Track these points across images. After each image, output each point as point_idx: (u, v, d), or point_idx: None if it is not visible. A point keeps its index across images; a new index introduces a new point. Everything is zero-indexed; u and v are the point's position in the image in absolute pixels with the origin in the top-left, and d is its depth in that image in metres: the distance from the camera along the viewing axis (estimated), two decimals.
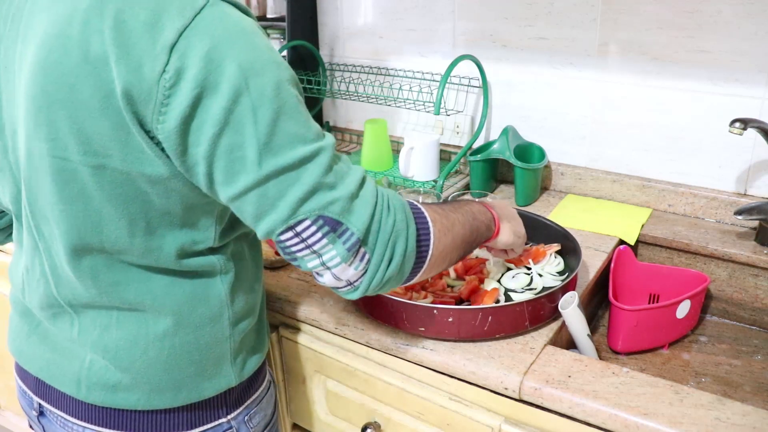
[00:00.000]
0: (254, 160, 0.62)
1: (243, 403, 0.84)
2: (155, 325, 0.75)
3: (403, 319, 0.88)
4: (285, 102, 0.62)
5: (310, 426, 1.11)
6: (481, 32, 1.40)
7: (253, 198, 0.64)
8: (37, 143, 0.65)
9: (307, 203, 0.64)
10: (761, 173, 1.19)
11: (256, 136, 0.61)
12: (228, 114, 0.60)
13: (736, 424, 0.72)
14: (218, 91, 0.59)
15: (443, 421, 0.90)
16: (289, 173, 0.63)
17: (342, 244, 0.65)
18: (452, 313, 0.85)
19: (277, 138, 0.62)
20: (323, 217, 0.64)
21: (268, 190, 0.63)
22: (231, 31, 0.61)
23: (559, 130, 1.38)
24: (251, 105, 0.60)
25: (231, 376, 0.80)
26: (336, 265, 0.66)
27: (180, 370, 0.76)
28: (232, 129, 0.61)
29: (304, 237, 0.65)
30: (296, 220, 0.64)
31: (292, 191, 0.63)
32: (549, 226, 1.08)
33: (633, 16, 1.21)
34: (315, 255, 0.66)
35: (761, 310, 1.12)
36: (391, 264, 0.68)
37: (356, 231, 0.65)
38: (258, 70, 0.61)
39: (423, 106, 1.38)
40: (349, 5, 1.59)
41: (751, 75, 1.14)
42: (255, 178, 0.62)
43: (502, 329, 0.88)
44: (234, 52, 0.60)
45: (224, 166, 0.62)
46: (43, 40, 0.63)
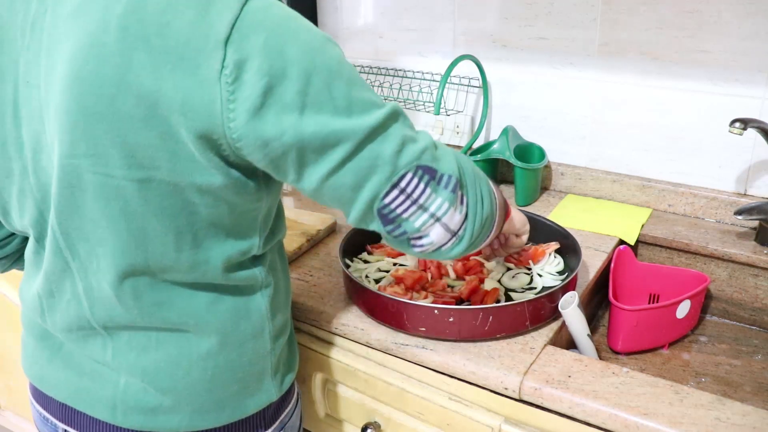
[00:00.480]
0: (344, 131, 0.61)
1: (278, 419, 0.83)
2: (199, 345, 0.73)
3: (403, 319, 0.88)
4: (350, 72, 0.64)
5: (310, 426, 1.11)
6: (481, 32, 1.40)
7: (351, 167, 0.63)
8: (74, 160, 0.62)
9: (402, 157, 0.64)
10: (761, 173, 1.19)
11: (337, 109, 0.61)
12: (304, 96, 0.60)
13: (736, 424, 0.72)
14: (288, 76, 0.59)
15: (443, 421, 0.90)
16: (378, 134, 0.63)
17: (444, 188, 0.66)
18: (453, 313, 0.85)
19: (356, 106, 0.62)
20: (421, 167, 0.65)
21: (363, 155, 0.63)
22: (281, 18, 0.60)
23: (559, 130, 1.38)
24: (324, 82, 0.61)
25: (272, 391, 0.80)
26: (445, 212, 0.67)
27: (224, 389, 0.75)
28: (313, 109, 0.60)
29: (409, 192, 0.65)
30: (399, 175, 0.64)
31: (386, 149, 0.63)
32: (549, 226, 1.08)
33: (633, 16, 1.21)
34: (422, 209, 0.66)
35: (761, 310, 1.12)
36: (484, 203, 0.70)
37: (453, 173, 0.67)
38: (318, 48, 0.61)
39: (423, 106, 1.38)
40: (349, 5, 1.59)
41: (751, 75, 1.14)
42: (351, 147, 0.62)
43: (503, 329, 0.88)
44: (290, 36, 0.60)
45: (318, 146, 0.62)
46: (75, 51, 0.60)
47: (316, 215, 1.25)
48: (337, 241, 1.15)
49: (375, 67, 1.58)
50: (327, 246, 1.18)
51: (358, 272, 1.04)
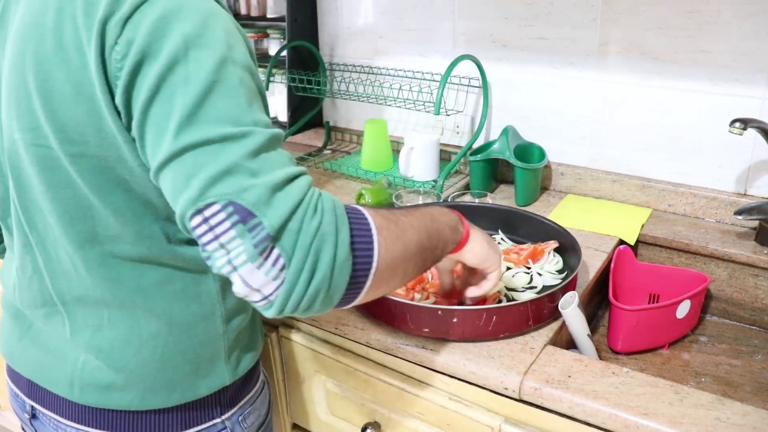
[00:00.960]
0: (174, 130, 0.56)
1: (237, 403, 0.83)
2: (147, 325, 0.74)
3: (406, 320, 0.88)
4: (224, 79, 0.58)
5: (310, 426, 1.11)
6: (481, 32, 1.40)
7: (169, 173, 0.58)
8: (20, 134, 0.66)
9: (219, 184, 0.55)
10: (761, 173, 1.19)
11: (182, 106, 0.56)
12: (161, 81, 0.57)
13: (736, 424, 0.72)
14: (157, 57, 0.57)
15: (443, 421, 0.90)
16: (206, 147, 0.56)
17: (251, 239, 0.55)
18: (457, 314, 0.85)
19: (204, 112, 0.57)
20: (234, 203, 0.55)
21: (184, 164, 0.56)
22: (187, 7, 0.59)
23: (559, 130, 1.38)
24: (185, 74, 0.57)
25: (225, 374, 0.80)
26: (242, 264, 0.55)
27: (174, 369, 0.76)
28: (163, 97, 0.57)
29: (212, 224, 0.56)
30: (205, 202, 0.55)
31: (207, 168, 0.56)
32: (549, 226, 1.08)
33: (633, 16, 1.21)
34: (223, 250, 0.56)
35: (761, 310, 1.12)
36: (315, 275, 0.56)
37: (268, 225, 0.55)
38: (202, 44, 0.58)
39: (423, 106, 1.38)
40: (349, 5, 1.59)
41: (751, 75, 1.14)
42: (172, 150, 0.57)
43: (506, 329, 0.88)
44: (182, 24, 0.58)
45: (152, 137, 0.58)
46: (19, 30, 0.63)
47: None
48: None
49: (375, 67, 1.58)
50: None
51: None
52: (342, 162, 1.57)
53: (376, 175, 1.45)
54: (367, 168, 1.48)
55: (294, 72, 1.58)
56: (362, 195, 1.26)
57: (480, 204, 1.19)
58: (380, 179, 1.33)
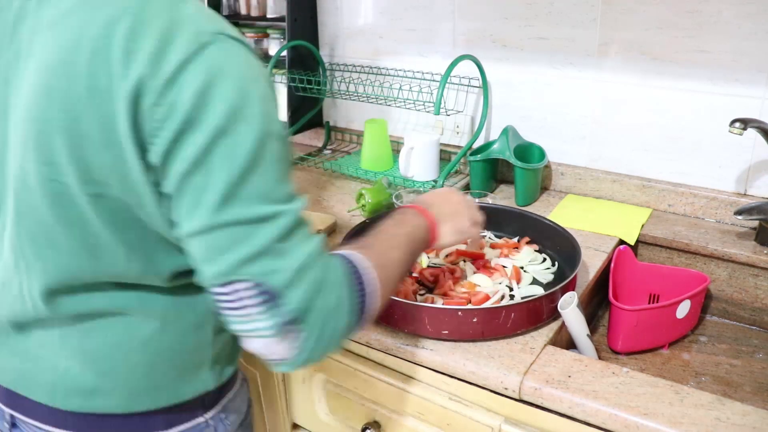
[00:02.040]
0: (214, 205, 0.60)
1: (219, 402, 0.84)
2: (141, 329, 0.74)
3: (425, 323, 0.88)
4: (264, 157, 0.61)
5: (310, 426, 1.11)
6: (481, 32, 1.40)
7: (202, 242, 0.61)
8: (33, 165, 0.64)
9: (252, 264, 0.60)
10: (761, 173, 1.19)
11: (222, 183, 0.59)
12: (204, 154, 0.59)
13: (736, 424, 0.72)
14: (201, 127, 0.58)
15: (443, 421, 0.90)
16: (242, 227, 0.60)
17: (275, 318, 0.61)
18: (477, 314, 0.86)
19: (243, 190, 0.60)
20: (263, 284, 0.60)
21: (219, 238, 0.60)
22: (231, 72, 0.60)
23: (559, 130, 1.38)
24: (228, 150, 0.59)
25: (209, 381, 0.81)
26: (267, 336, 0.61)
27: (162, 374, 0.76)
28: (205, 169, 0.59)
29: (241, 297, 0.61)
30: (237, 278, 0.60)
31: (241, 247, 0.60)
32: (549, 226, 1.08)
33: (633, 16, 1.21)
34: (246, 320, 0.61)
35: (761, 310, 1.12)
36: (332, 342, 0.65)
37: (293, 308, 0.61)
38: (246, 117, 0.60)
39: (423, 106, 1.38)
40: (349, 5, 1.59)
41: (751, 75, 1.14)
42: (209, 223, 0.60)
43: (523, 325, 0.89)
44: (227, 93, 0.59)
45: (188, 203, 0.61)
46: (47, 64, 0.61)
47: (315, 215, 1.25)
48: (337, 241, 1.14)
49: (375, 67, 1.58)
50: (327, 246, 1.17)
51: None
52: (342, 162, 1.57)
53: (376, 175, 1.45)
54: (367, 168, 1.48)
55: (294, 72, 1.58)
56: (362, 195, 1.26)
57: (480, 204, 1.19)
58: (380, 179, 1.33)
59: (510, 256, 1.07)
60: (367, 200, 1.24)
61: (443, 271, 1.02)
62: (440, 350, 0.87)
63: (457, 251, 1.07)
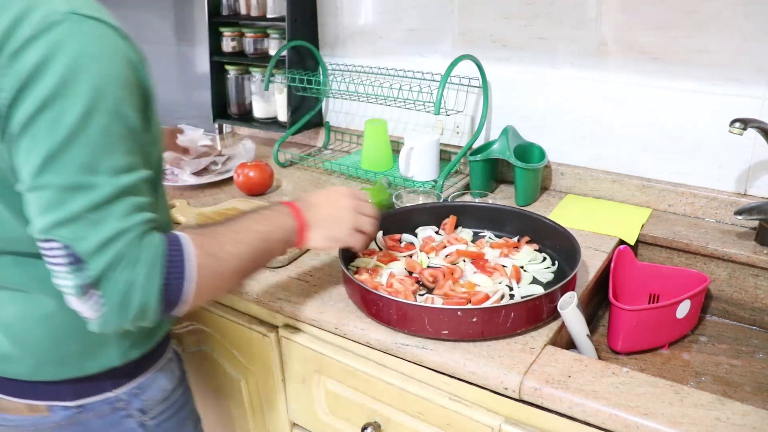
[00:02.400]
0: (36, 168, 0.66)
1: (133, 379, 0.89)
2: (41, 307, 0.80)
3: (425, 323, 0.88)
4: (88, 130, 0.67)
5: (310, 426, 1.11)
6: (481, 32, 1.40)
7: (29, 199, 0.69)
8: None
9: (63, 228, 0.67)
10: (761, 173, 1.19)
11: (44, 149, 0.66)
12: (31, 119, 0.66)
13: (736, 424, 0.72)
14: (31, 95, 0.65)
15: (443, 421, 0.90)
16: (58, 192, 0.67)
17: (77, 279, 0.67)
18: (476, 314, 0.86)
19: (63, 158, 0.66)
20: (69, 247, 0.67)
21: (40, 198, 0.67)
22: (70, 49, 0.66)
23: (559, 130, 1.38)
24: (52, 119, 0.66)
25: (114, 357, 0.86)
26: (69, 294, 0.69)
27: (65, 348, 0.82)
28: (30, 134, 0.66)
29: (51, 255, 0.68)
30: (48, 237, 0.67)
31: (55, 210, 0.67)
32: (549, 226, 1.08)
33: (633, 16, 1.21)
34: (58, 275, 0.69)
35: (761, 310, 1.12)
36: (126, 315, 0.70)
37: (92, 275, 0.67)
38: (76, 92, 0.66)
39: (423, 106, 1.38)
40: (349, 5, 1.59)
41: (751, 75, 1.14)
42: (31, 184, 0.67)
43: (522, 324, 0.89)
44: (59, 67, 0.65)
45: (19, 164, 0.68)
46: None
47: None
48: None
49: (375, 67, 1.58)
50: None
51: None
52: (342, 162, 1.57)
53: (376, 175, 1.45)
54: (367, 168, 1.48)
55: (294, 72, 1.58)
56: None
57: (480, 204, 1.20)
58: (380, 179, 1.33)
59: (510, 256, 1.07)
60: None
61: (443, 271, 1.02)
62: (440, 350, 0.87)
63: (458, 251, 1.07)
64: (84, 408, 0.87)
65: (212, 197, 1.44)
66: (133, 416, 0.90)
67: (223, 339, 1.18)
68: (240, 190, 1.44)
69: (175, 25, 2.03)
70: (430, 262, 1.08)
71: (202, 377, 1.29)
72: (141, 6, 2.09)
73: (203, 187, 1.50)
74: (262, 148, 1.79)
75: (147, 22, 2.10)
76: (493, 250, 1.09)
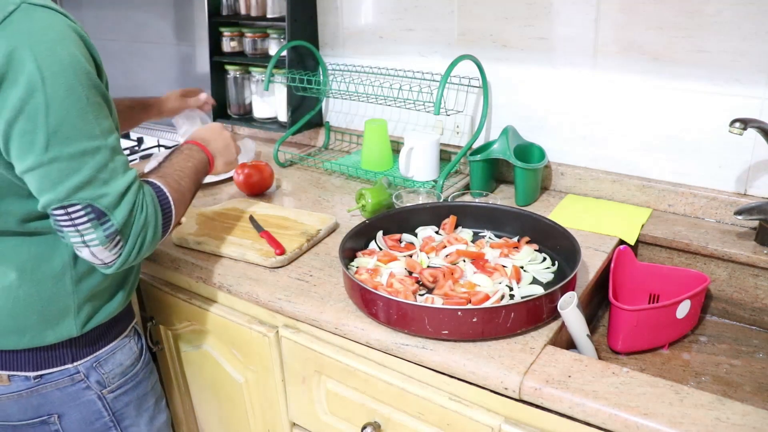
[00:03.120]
0: (42, 145, 0.76)
1: (92, 353, 0.97)
2: (2, 278, 0.88)
3: (425, 323, 0.88)
4: (78, 101, 0.78)
5: (310, 426, 1.11)
6: (481, 32, 1.40)
7: (36, 176, 0.78)
8: None
9: (82, 191, 0.79)
10: (761, 173, 1.19)
11: (46, 126, 0.76)
12: (23, 104, 0.75)
13: (736, 424, 0.72)
14: (17, 84, 0.74)
15: (443, 421, 0.90)
16: (70, 162, 0.78)
17: (103, 231, 0.80)
18: (476, 314, 0.86)
19: (66, 131, 0.77)
20: (92, 206, 0.79)
21: (51, 172, 0.77)
22: (36, 35, 0.75)
23: (559, 130, 1.38)
24: (44, 100, 0.75)
25: (72, 327, 0.92)
26: (95, 246, 0.81)
27: (24, 317, 0.89)
28: (26, 117, 0.75)
29: (73, 218, 0.79)
30: (69, 202, 0.79)
31: (72, 179, 0.78)
32: (549, 226, 1.08)
33: (633, 16, 1.21)
34: (78, 234, 0.80)
35: (761, 310, 1.12)
36: (142, 249, 0.86)
37: (116, 224, 0.81)
38: (54, 73, 0.75)
39: (423, 106, 1.38)
40: (349, 5, 1.59)
41: (751, 75, 1.14)
42: (40, 160, 0.77)
43: (522, 324, 0.89)
44: (34, 53, 0.74)
45: (18, 146, 0.77)
46: None
47: (316, 215, 1.25)
48: (337, 241, 1.15)
49: (375, 67, 1.58)
50: (327, 246, 1.18)
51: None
52: (342, 162, 1.57)
53: (376, 175, 1.45)
54: (367, 168, 1.49)
55: (294, 72, 1.58)
56: (362, 195, 1.26)
57: (480, 204, 1.20)
58: (380, 179, 1.33)
59: (510, 256, 1.07)
60: (367, 200, 1.24)
61: (443, 271, 1.02)
62: (440, 350, 0.87)
63: (458, 251, 1.07)
64: (43, 378, 0.93)
65: (212, 197, 1.44)
66: (91, 388, 0.97)
67: (223, 339, 1.18)
68: (240, 190, 1.44)
69: (175, 25, 2.03)
70: (430, 262, 1.08)
71: (202, 377, 1.29)
72: (141, 6, 2.09)
73: (203, 186, 1.50)
74: (262, 148, 1.79)
75: (147, 22, 2.10)
76: (493, 250, 1.09)
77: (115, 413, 1.01)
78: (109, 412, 1.00)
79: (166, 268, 1.20)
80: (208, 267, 1.12)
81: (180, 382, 1.36)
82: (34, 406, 0.95)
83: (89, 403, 0.98)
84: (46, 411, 0.95)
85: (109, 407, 1.00)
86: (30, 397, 0.94)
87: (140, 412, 1.06)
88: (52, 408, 0.96)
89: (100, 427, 1.00)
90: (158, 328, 1.31)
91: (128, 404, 1.03)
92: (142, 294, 1.30)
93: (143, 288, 1.29)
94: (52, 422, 0.96)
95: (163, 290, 1.24)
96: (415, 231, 1.18)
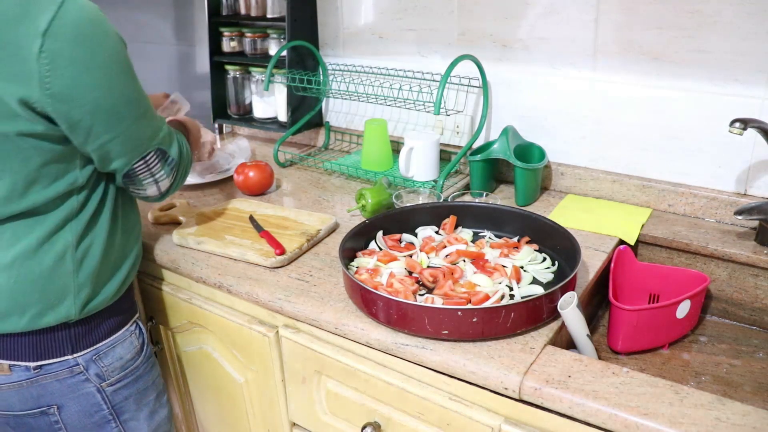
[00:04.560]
0: (126, 113, 0.89)
1: (92, 345, 0.99)
2: (3, 257, 0.89)
3: (425, 323, 0.88)
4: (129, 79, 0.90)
5: (310, 426, 1.11)
6: (481, 32, 1.40)
7: (121, 139, 0.90)
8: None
9: (154, 140, 0.96)
10: (761, 173, 1.19)
11: (124, 96, 0.88)
12: (105, 81, 0.85)
13: (736, 424, 0.72)
14: (93, 66, 0.83)
15: (443, 421, 0.90)
16: (142, 120, 0.92)
17: (168, 166, 1.00)
18: (476, 314, 0.86)
19: (132, 96, 0.90)
20: (160, 149, 0.97)
21: (132, 132, 0.91)
22: (90, 20, 0.82)
23: (559, 130, 1.38)
24: (120, 73, 0.87)
25: (72, 309, 0.94)
26: (162, 180, 1.00)
27: (24, 295, 0.91)
28: (109, 91, 0.86)
29: (149, 163, 0.96)
30: (147, 151, 0.95)
31: (145, 133, 0.94)
32: (549, 226, 1.08)
33: (633, 16, 1.21)
34: (151, 176, 0.98)
35: (761, 310, 1.12)
36: (183, 179, 1.06)
37: (174, 157, 1.01)
38: (117, 50, 0.87)
39: (423, 106, 1.38)
40: (349, 5, 1.59)
41: (751, 75, 1.14)
42: (128, 125, 0.90)
43: (522, 324, 0.88)
44: (97, 38, 0.83)
45: (105, 119, 0.87)
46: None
47: (316, 215, 1.25)
48: (337, 241, 1.15)
49: (375, 67, 1.58)
50: (327, 246, 1.18)
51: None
52: (342, 162, 1.57)
53: (376, 175, 1.45)
54: (367, 168, 1.48)
55: (294, 72, 1.58)
56: (362, 195, 1.26)
57: (480, 204, 1.20)
58: (380, 179, 1.33)
59: (510, 256, 1.07)
60: (367, 200, 1.24)
61: (443, 271, 1.02)
62: (440, 350, 0.87)
63: (458, 251, 1.07)
64: (43, 369, 0.94)
65: (212, 197, 1.44)
66: (91, 381, 0.99)
67: (223, 339, 1.18)
68: (240, 190, 1.44)
69: (175, 25, 2.03)
70: (430, 262, 1.08)
71: (202, 377, 1.29)
72: (141, 6, 2.09)
73: (203, 186, 1.50)
74: (262, 148, 1.79)
75: (147, 22, 2.10)
76: (493, 250, 1.09)
77: (114, 406, 1.03)
78: (108, 405, 1.02)
79: (166, 268, 1.20)
80: (208, 267, 1.12)
81: (180, 382, 1.36)
82: (34, 396, 0.96)
83: (88, 395, 0.99)
84: (45, 402, 0.97)
85: (108, 400, 1.02)
86: (30, 388, 0.95)
87: (140, 406, 1.07)
88: (51, 399, 0.97)
89: (99, 419, 1.02)
90: (158, 328, 1.31)
91: (128, 398, 1.05)
92: (143, 294, 1.30)
93: (143, 288, 1.29)
94: (52, 413, 0.98)
95: (163, 290, 1.24)
96: (415, 231, 1.18)
